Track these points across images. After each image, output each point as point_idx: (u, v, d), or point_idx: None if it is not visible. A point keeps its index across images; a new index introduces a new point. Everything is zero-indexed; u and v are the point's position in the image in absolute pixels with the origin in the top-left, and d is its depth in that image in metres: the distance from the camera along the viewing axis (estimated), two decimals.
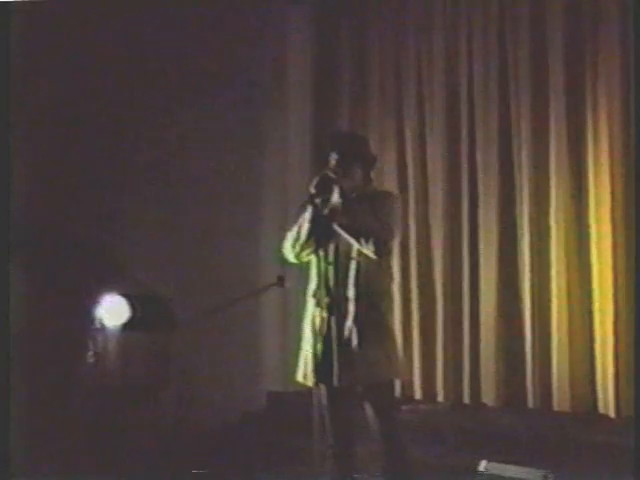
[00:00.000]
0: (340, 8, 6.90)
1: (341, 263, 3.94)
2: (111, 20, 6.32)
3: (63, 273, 6.24)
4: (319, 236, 3.93)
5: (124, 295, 6.11)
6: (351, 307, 3.90)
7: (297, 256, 4.05)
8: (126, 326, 6.09)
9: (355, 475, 4.04)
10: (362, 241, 3.87)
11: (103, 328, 6.10)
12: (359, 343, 3.87)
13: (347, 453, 4.00)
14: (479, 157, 6.21)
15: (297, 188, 6.16)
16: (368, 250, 3.87)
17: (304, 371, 4.02)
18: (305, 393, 4.10)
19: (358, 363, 3.86)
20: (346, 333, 3.88)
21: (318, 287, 3.94)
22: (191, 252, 6.46)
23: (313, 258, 4.00)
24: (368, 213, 3.91)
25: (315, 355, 3.87)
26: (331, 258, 3.95)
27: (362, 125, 6.62)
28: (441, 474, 4.96)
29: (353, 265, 3.93)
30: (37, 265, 6.23)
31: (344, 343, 3.85)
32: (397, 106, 6.59)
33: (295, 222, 4.04)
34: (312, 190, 3.91)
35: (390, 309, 4.13)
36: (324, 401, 3.96)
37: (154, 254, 6.45)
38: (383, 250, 3.91)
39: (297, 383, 4.12)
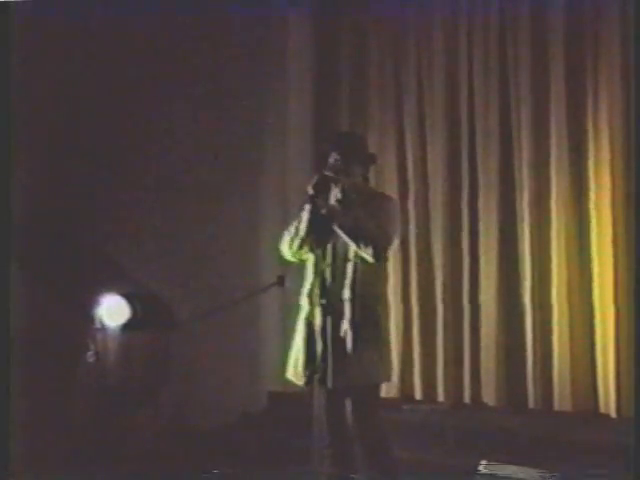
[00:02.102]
0: (340, 9, 6.89)
1: (338, 264, 3.93)
2: (113, 24, 6.33)
3: (63, 273, 6.25)
4: (317, 235, 3.92)
5: (124, 295, 6.12)
6: (347, 309, 3.89)
7: (294, 254, 4.04)
8: (126, 326, 6.10)
9: (353, 475, 4.03)
10: (361, 245, 3.86)
11: (103, 328, 6.11)
12: (354, 345, 3.85)
13: (344, 453, 3.99)
14: (479, 157, 6.20)
15: (297, 188, 6.14)
16: (366, 254, 3.87)
17: (294, 370, 4.02)
18: (305, 393, 4.09)
19: (353, 365, 3.84)
20: (341, 335, 3.86)
21: (313, 287, 3.93)
22: (191, 252, 6.45)
23: (310, 258, 3.99)
24: (368, 216, 3.90)
25: (308, 355, 3.87)
26: (328, 259, 3.94)
27: (362, 125, 6.61)
28: (441, 474, 4.96)
29: (350, 267, 3.92)
30: (37, 265, 6.23)
31: (339, 345, 3.83)
32: (397, 106, 6.58)
33: (294, 221, 4.03)
34: (310, 191, 3.90)
35: (385, 312, 4.10)
36: (322, 401, 3.95)
37: (154, 254, 6.45)
38: (381, 255, 3.91)
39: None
